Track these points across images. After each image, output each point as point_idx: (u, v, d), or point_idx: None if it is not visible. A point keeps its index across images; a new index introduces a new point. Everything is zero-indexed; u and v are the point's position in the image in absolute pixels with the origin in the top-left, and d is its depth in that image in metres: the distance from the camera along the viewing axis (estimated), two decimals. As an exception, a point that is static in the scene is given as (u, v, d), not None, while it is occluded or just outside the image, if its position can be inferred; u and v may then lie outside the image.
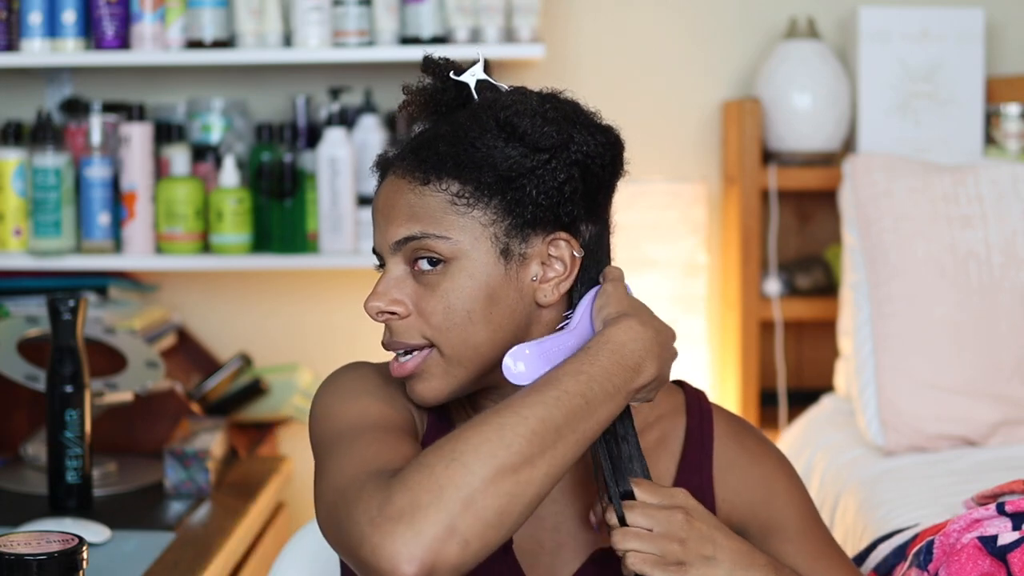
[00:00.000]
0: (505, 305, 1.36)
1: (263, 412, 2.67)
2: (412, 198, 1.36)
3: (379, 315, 1.38)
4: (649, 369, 1.33)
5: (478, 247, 1.35)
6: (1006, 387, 2.39)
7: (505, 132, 1.35)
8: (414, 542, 1.16)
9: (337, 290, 2.93)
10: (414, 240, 1.36)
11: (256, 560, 2.23)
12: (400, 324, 1.38)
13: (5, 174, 2.63)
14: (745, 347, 2.79)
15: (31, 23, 2.58)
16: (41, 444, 2.28)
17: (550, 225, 1.36)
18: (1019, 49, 2.91)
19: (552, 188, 1.35)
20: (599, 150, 1.38)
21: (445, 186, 1.35)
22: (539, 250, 1.36)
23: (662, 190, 2.79)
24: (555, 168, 1.35)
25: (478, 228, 1.35)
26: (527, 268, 1.36)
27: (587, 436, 1.26)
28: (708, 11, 2.92)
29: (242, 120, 2.80)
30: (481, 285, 1.35)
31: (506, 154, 1.34)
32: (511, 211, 1.35)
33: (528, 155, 1.34)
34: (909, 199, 2.49)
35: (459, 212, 1.35)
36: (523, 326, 1.37)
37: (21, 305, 2.60)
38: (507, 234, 1.35)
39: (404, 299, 1.37)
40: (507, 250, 1.35)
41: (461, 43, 2.61)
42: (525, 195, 1.34)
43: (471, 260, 1.35)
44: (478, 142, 1.35)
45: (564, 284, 1.37)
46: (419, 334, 1.37)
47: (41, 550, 1.33)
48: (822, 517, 1.52)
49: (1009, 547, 1.56)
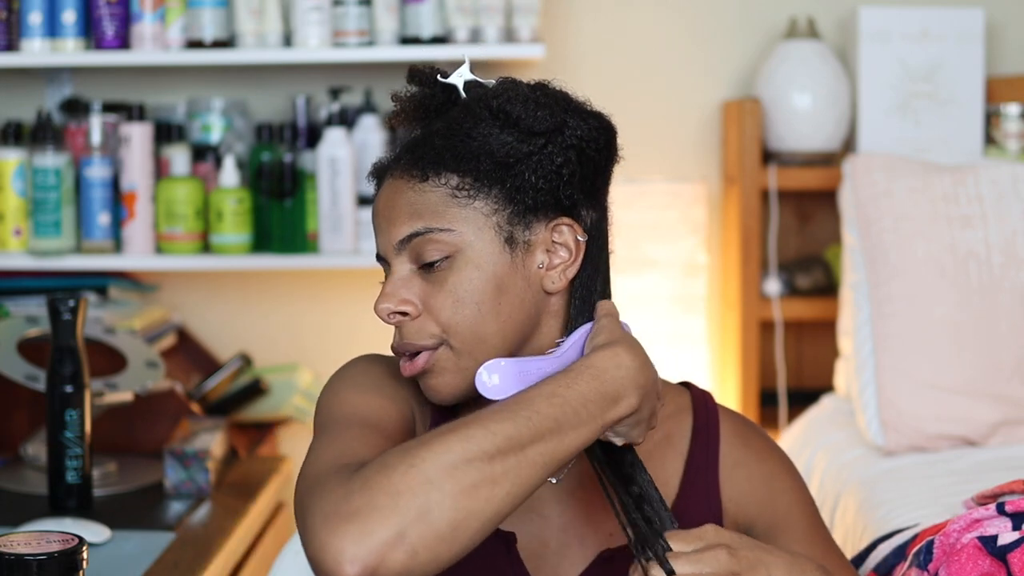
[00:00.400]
0: (513, 294, 1.36)
1: (263, 412, 2.67)
2: (412, 196, 1.36)
3: (390, 316, 1.37)
4: (629, 400, 1.29)
5: (482, 237, 1.35)
6: (1006, 387, 2.39)
7: (499, 120, 1.35)
8: (361, 543, 1.14)
9: (337, 290, 2.93)
10: (418, 236, 1.35)
11: (256, 560, 2.23)
12: (411, 325, 1.37)
13: (5, 174, 2.63)
14: (745, 347, 2.79)
15: (31, 23, 2.58)
16: (41, 444, 2.28)
17: (551, 210, 1.36)
18: (1019, 49, 2.91)
19: (550, 172, 1.35)
20: (593, 134, 1.38)
21: (444, 180, 1.35)
22: (543, 237, 1.37)
23: (662, 190, 2.79)
24: (552, 152, 1.36)
25: (481, 218, 1.35)
26: (532, 256, 1.36)
27: (555, 460, 1.23)
28: (708, 11, 2.92)
29: (242, 120, 2.80)
30: (488, 276, 1.35)
31: (502, 141, 1.35)
32: (512, 198, 1.35)
33: (524, 140, 1.35)
34: (909, 199, 2.49)
35: (461, 204, 1.35)
36: (533, 315, 1.37)
37: (21, 305, 2.60)
38: (510, 222, 1.35)
39: (413, 298, 1.37)
40: (511, 238, 1.35)
41: (461, 43, 2.61)
42: (524, 181, 1.35)
43: (476, 251, 1.35)
44: (473, 132, 1.35)
45: (570, 270, 1.38)
46: (428, 335, 1.36)
47: (41, 550, 1.33)
48: (823, 517, 1.52)
49: (1009, 547, 1.56)
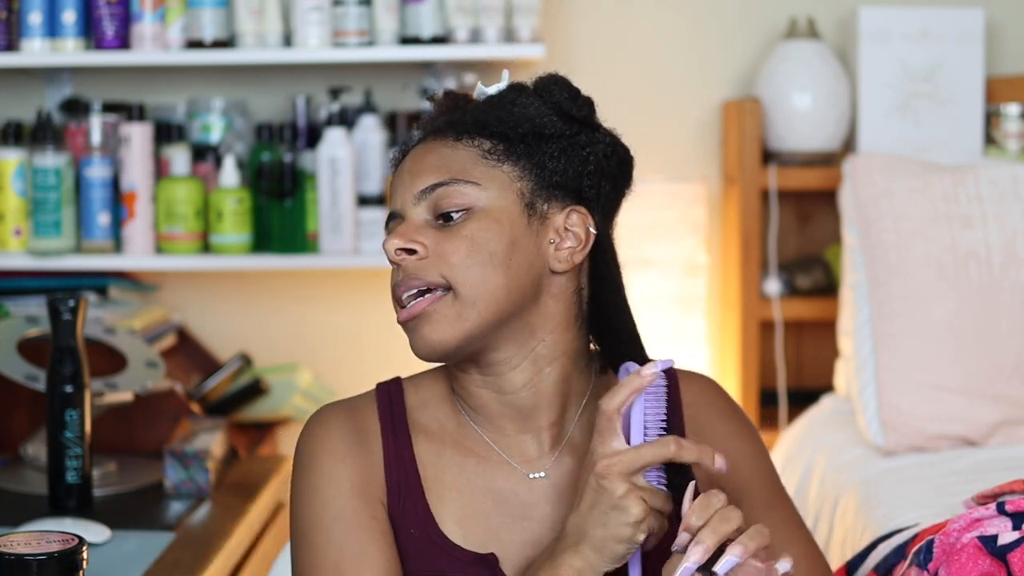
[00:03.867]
0: (524, 256, 1.38)
1: (263, 412, 2.67)
2: (444, 151, 1.40)
3: (397, 253, 1.37)
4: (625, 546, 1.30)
5: (505, 196, 1.38)
6: (1006, 387, 2.39)
7: (541, 98, 1.40)
8: None
9: (337, 290, 2.93)
10: (442, 186, 1.38)
11: (256, 560, 2.23)
12: (417, 264, 1.37)
13: (5, 174, 2.63)
14: (745, 347, 2.79)
15: (31, 23, 2.58)
16: (41, 444, 2.28)
17: (571, 196, 1.40)
18: (1019, 49, 2.91)
19: (579, 158, 1.40)
20: (618, 151, 1.43)
21: (477, 143, 1.39)
22: (559, 217, 1.40)
23: (662, 190, 2.79)
24: (583, 141, 1.41)
25: (507, 181, 1.39)
26: (546, 229, 1.39)
27: None
28: (708, 11, 2.92)
29: (242, 120, 2.80)
30: (506, 229, 1.37)
31: (540, 112, 1.40)
32: (539, 172, 1.39)
33: (560, 121, 1.40)
34: (909, 199, 2.49)
35: (489, 165, 1.39)
36: (536, 286, 1.39)
37: (21, 305, 2.60)
38: (532, 192, 1.39)
39: (424, 241, 1.37)
40: (532, 205, 1.39)
41: (461, 43, 2.61)
42: (554, 158, 1.39)
43: (497, 208, 1.37)
44: (517, 101, 1.40)
45: (578, 256, 1.40)
46: (437, 272, 1.36)
47: (41, 550, 1.33)
48: (822, 517, 1.52)
49: (1009, 547, 1.57)
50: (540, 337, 1.39)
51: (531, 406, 1.41)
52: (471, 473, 1.41)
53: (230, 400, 2.63)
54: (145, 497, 2.23)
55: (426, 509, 1.40)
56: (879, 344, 2.45)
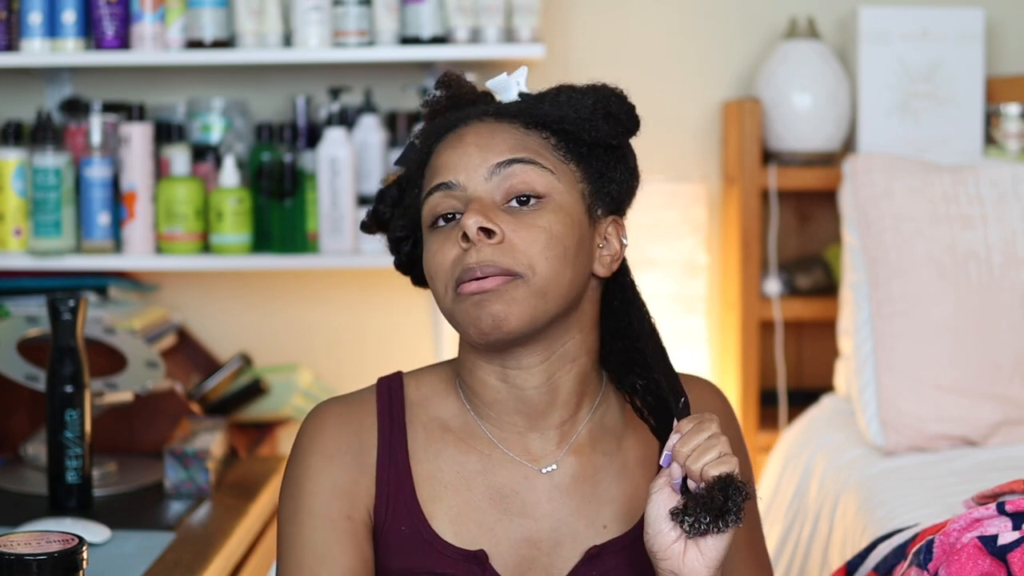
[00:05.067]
0: (585, 256, 1.41)
1: (263, 412, 2.67)
2: (516, 133, 1.41)
3: (478, 232, 1.35)
4: None
5: (572, 193, 1.40)
6: (1006, 387, 2.39)
7: (600, 107, 1.42)
8: None
9: (337, 290, 2.93)
10: (520, 163, 1.38)
11: (256, 560, 2.23)
12: (496, 249, 1.35)
13: (5, 174, 2.63)
14: (745, 347, 2.79)
15: (31, 23, 2.58)
16: (41, 444, 2.28)
17: (614, 206, 1.44)
18: (1019, 49, 2.91)
19: (628, 171, 1.45)
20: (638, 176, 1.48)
21: (546, 136, 1.41)
22: (604, 224, 1.43)
23: (662, 190, 2.79)
24: (629, 155, 1.45)
25: (573, 180, 1.41)
26: (597, 233, 1.43)
27: None
28: (708, 11, 2.92)
29: (242, 120, 2.80)
30: (576, 226, 1.39)
31: (599, 125, 1.41)
32: (598, 178, 1.42)
33: (617, 135, 1.42)
34: (909, 199, 2.49)
35: (559, 159, 1.40)
36: (585, 287, 1.42)
37: (21, 305, 2.60)
38: (592, 196, 1.42)
39: (501, 224, 1.36)
40: (591, 208, 1.42)
41: (461, 43, 2.61)
42: (610, 168, 1.43)
43: (567, 203, 1.39)
44: (579, 104, 1.41)
45: (615, 264, 1.44)
46: (517, 260, 1.35)
47: (41, 550, 1.34)
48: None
49: (1009, 547, 1.56)
50: (572, 335, 1.41)
51: (547, 403, 1.41)
52: (470, 469, 1.42)
53: (230, 400, 2.63)
54: (145, 497, 2.23)
55: (417, 507, 1.40)
56: (879, 344, 2.45)
